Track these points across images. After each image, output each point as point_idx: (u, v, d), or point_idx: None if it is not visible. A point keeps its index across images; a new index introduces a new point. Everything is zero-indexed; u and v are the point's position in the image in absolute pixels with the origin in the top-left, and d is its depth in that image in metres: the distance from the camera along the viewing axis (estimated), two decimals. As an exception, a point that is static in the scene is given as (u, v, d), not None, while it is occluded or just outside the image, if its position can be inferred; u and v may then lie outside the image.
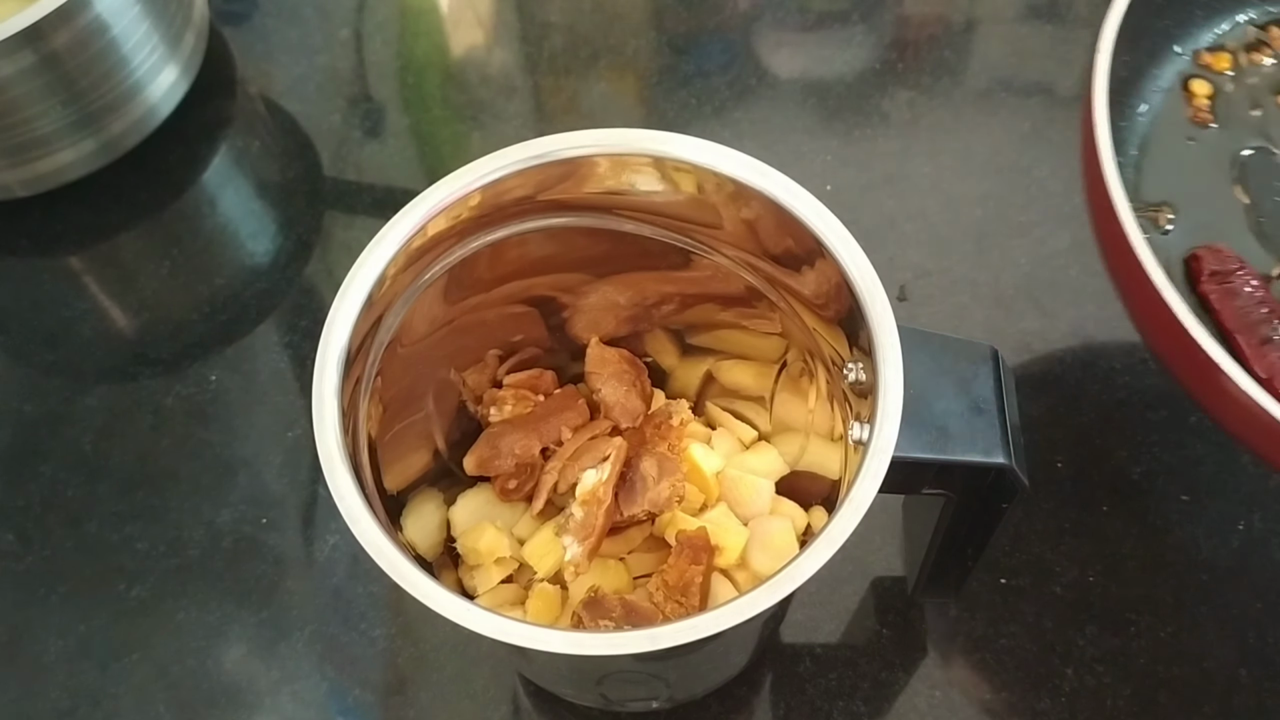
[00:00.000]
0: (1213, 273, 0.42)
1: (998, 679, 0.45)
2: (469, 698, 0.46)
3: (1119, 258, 0.38)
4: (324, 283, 0.57)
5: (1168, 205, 0.45)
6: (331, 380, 0.35)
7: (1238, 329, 0.42)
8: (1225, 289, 0.42)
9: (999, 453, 0.34)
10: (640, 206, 0.40)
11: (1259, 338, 0.41)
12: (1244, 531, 0.48)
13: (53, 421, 0.53)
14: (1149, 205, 0.45)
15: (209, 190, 0.60)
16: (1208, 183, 0.47)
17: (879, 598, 0.47)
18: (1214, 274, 0.42)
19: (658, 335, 0.46)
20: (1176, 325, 0.36)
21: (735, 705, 0.45)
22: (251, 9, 0.67)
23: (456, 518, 0.44)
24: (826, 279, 0.37)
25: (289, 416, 0.53)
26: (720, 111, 0.61)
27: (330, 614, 0.48)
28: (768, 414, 0.45)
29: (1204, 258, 0.43)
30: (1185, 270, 0.44)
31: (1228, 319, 0.42)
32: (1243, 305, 0.42)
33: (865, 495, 0.32)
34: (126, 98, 0.57)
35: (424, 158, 0.62)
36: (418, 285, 0.39)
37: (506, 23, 0.67)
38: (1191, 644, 0.46)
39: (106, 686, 0.47)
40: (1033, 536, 0.48)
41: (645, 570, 0.43)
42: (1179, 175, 0.47)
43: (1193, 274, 0.43)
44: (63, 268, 0.59)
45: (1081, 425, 0.51)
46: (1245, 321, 0.41)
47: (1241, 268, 0.43)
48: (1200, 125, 0.47)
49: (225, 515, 0.50)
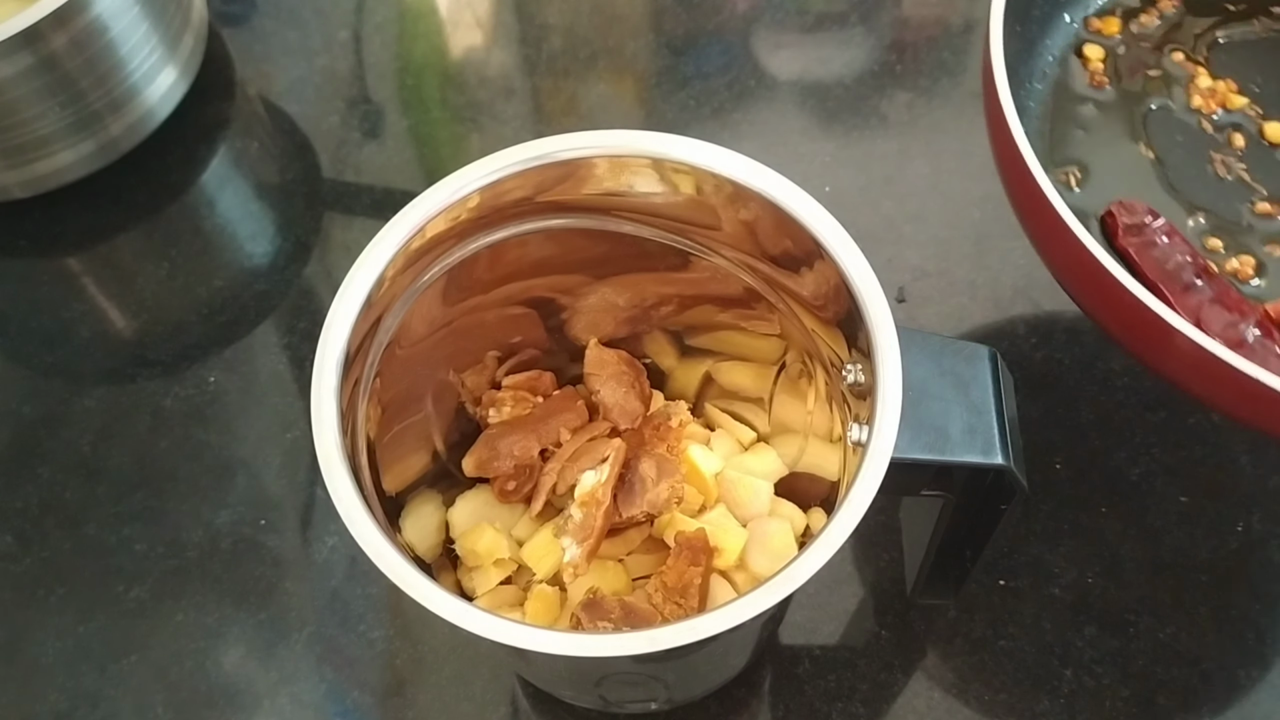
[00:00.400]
0: (1128, 227, 0.43)
1: (996, 680, 0.45)
2: (468, 699, 0.46)
3: (1037, 216, 0.39)
4: (323, 284, 0.57)
5: (1077, 165, 0.46)
6: (330, 382, 0.35)
7: (1159, 278, 0.42)
8: (1142, 241, 0.43)
9: (998, 454, 0.34)
10: (639, 208, 0.40)
11: (1181, 285, 0.42)
12: (1242, 533, 0.48)
13: (51, 423, 0.53)
14: (1059, 168, 0.46)
15: (208, 191, 0.60)
16: (1113, 143, 0.48)
17: (878, 599, 0.47)
18: (1130, 228, 0.43)
19: (656, 336, 0.46)
20: (1101, 272, 0.36)
21: (734, 706, 0.45)
22: (250, 10, 0.67)
23: (455, 519, 0.44)
24: (825, 280, 0.37)
25: (288, 418, 0.53)
26: (719, 113, 0.61)
27: (329, 615, 0.48)
28: (766, 415, 0.46)
29: (1118, 213, 0.44)
30: (1102, 228, 0.45)
31: (1149, 269, 0.42)
32: (1160, 255, 0.42)
33: (864, 496, 0.32)
34: (125, 99, 0.57)
35: (423, 159, 0.62)
36: (416, 286, 0.39)
37: (505, 24, 0.67)
38: (1190, 645, 0.46)
39: (105, 688, 0.47)
40: (1031, 538, 0.48)
41: (644, 572, 0.43)
42: (1085, 138, 0.48)
43: (1109, 231, 0.44)
44: (61, 269, 0.58)
45: (1080, 426, 0.51)
46: (1165, 271, 0.42)
47: (1155, 219, 0.44)
48: (1098, 88, 0.48)
49: (224, 517, 0.50)
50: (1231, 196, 0.47)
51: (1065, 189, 0.46)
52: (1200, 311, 0.41)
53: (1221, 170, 0.46)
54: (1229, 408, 0.38)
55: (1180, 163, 0.47)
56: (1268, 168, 0.47)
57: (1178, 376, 0.38)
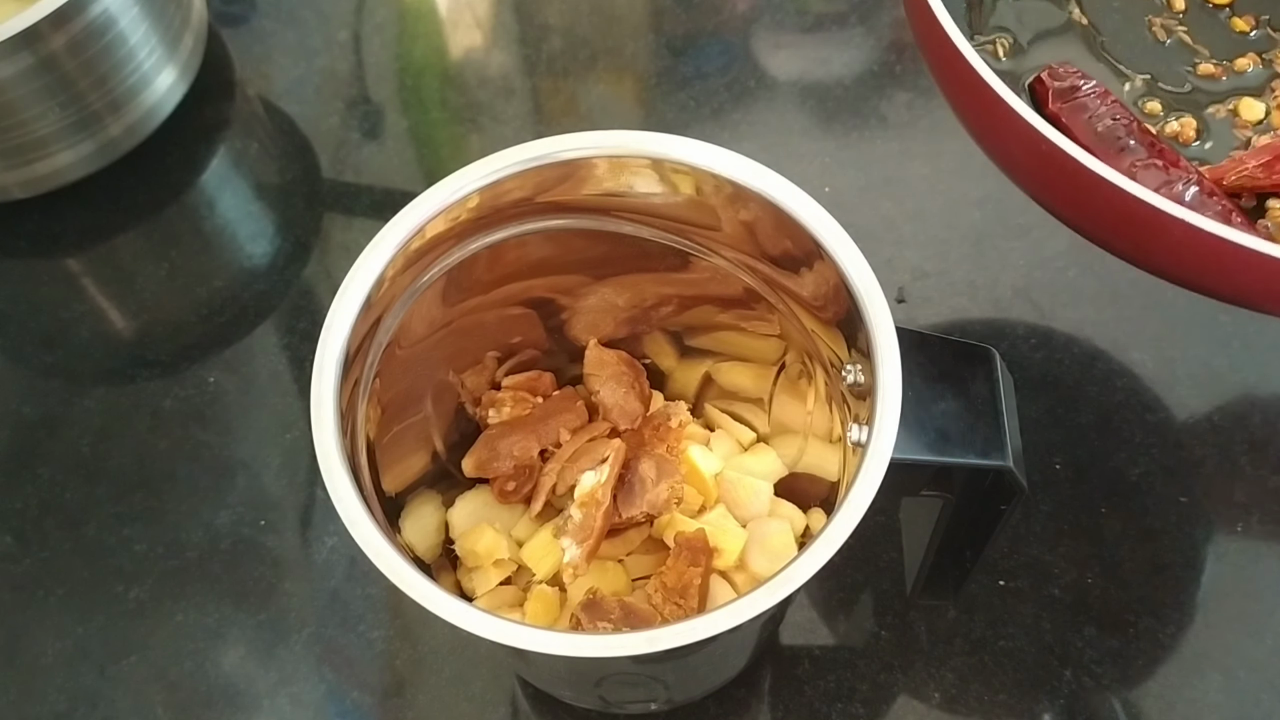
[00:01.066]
0: (1058, 91, 0.41)
1: (996, 681, 0.45)
2: (467, 700, 0.46)
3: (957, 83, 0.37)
4: (322, 284, 0.57)
5: (1005, 32, 0.45)
6: (330, 382, 0.35)
7: (1091, 142, 0.41)
8: (1073, 105, 0.41)
9: (998, 454, 0.34)
10: (639, 208, 0.40)
11: (1115, 147, 0.41)
12: (1242, 533, 0.48)
13: (51, 423, 0.53)
14: (986, 36, 0.45)
15: (207, 192, 0.60)
16: (1044, 10, 0.46)
17: (877, 600, 0.47)
18: (1060, 92, 0.41)
19: (656, 337, 0.46)
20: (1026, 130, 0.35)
21: (734, 707, 0.45)
22: (250, 11, 0.67)
23: (455, 519, 0.44)
24: (825, 281, 0.37)
25: (287, 418, 0.53)
26: (719, 113, 0.61)
27: (328, 616, 0.48)
28: (766, 416, 0.46)
29: (1047, 79, 0.42)
30: (1031, 97, 0.43)
31: (1080, 134, 0.41)
32: (1092, 118, 0.41)
33: (864, 497, 0.32)
34: (125, 99, 0.57)
35: (422, 159, 0.62)
36: (416, 287, 0.39)
37: (505, 25, 0.67)
38: (1190, 646, 0.46)
39: (104, 689, 0.47)
40: (1031, 538, 0.48)
41: (644, 572, 0.43)
42: (1014, 5, 0.46)
43: (1039, 99, 0.43)
44: (61, 269, 0.58)
45: (1080, 427, 0.51)
46: (1097, 134, 0.41)
47: (1085, 80, 0.42)
48: None
49: (223, 517, 0.50)
50: (1172, 60, 0.45)
51: (993, 59, 0.44)
52: (1136, 173, 0.39)
53: (1160, 34, 0.45)
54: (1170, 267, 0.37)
55: (1116, 28, 0.46)
56: (1210, 29, 0.46)
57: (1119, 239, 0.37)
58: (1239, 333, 0.52)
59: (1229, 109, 0.43)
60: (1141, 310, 0.53)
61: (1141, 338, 0.52)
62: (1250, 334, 0.52)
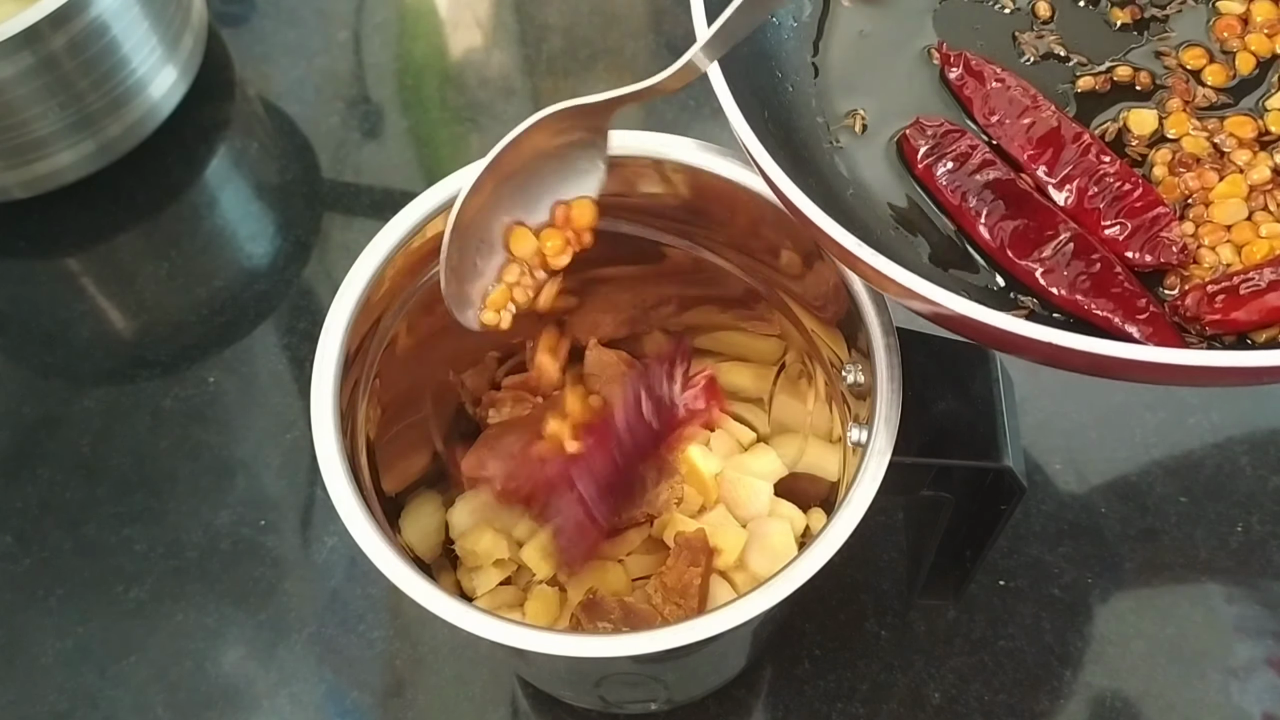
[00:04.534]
0: (927, 150, 0.37)
1: (996, 681, 0.45)
2: (467, 700, 0.46)
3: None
4: (322, 284, 0.57)
5: (859, 106, 0.38)
6: (330, 382, 0.35)
7: (957, 205, 0.36)
8: (936, 162, 0.36)
9: (998, 454, 0.34)
10: (639, 208, 0.40)
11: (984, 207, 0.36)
12: (1242, 533, 0.48)
13: (51, 423, 0.53)
14: (841, 118, 0.39)
15: (207, 192, 0.60)
16: (899, 63, 0.39)
17: (878, 600, 0.47)
18: (928, 151, 0.37)
19: (657, 337, 0.46)
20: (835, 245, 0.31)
21: (734, 707, 0.45)
22: (250, 11, 0.67)
23: (455, 520, 0.44)
24: (825, 281, 0.37)
25: (287, 418, 0.53)
26: (719, 113, 0.61)
27: (328, 616, 0.48)
28: (766, 416, 0.46)
29: (911, 136, 0.37)
30: (900, 155, 0.38)
31: (948, 196, 0.36)
32: (953, 177, 0.36)
33: (864, 497, 0.32)
34: (125, 99, 0.57)
35: (422, 159, 0.62)
36: (416, 287, 0.39)
37: (505, 25, 0.67)
38: (1190, 646, 0.46)
39: (104, 688, 0.47)
40: (1031, 538, 0.48)
41: (644, 572, 0.43)
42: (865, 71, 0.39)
43: (907, 159, 0.37)
44: (61, 269, 0.58)
45: (1080, 426, 0.51)
46: (963, 190, 0.36)
47: (949, 131, 0.37)
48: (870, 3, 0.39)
49: (223, 517, 0.50)
50: (1051, 77, 0.38)
51: (852, 132, 0.38)
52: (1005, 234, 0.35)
53: (1031, 52, 0.39)
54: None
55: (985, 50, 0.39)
56: (1080, 27, 0.39)
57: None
58: (1239, 333, 0.52)
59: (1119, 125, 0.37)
60: (1141, 310, 0.53)
61: (1141, 338, 0.52)
62: (1250, 334, 0.52)
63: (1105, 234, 0.35)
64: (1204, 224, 0.35)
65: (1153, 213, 0.35)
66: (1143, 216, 0.35)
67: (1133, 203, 0.35)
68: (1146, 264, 0.35)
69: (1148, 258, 0.35)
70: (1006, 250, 0.35)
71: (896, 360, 0.34)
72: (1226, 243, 0.35)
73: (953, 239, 0.36)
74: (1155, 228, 0.35)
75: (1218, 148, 0.36)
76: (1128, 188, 0.35)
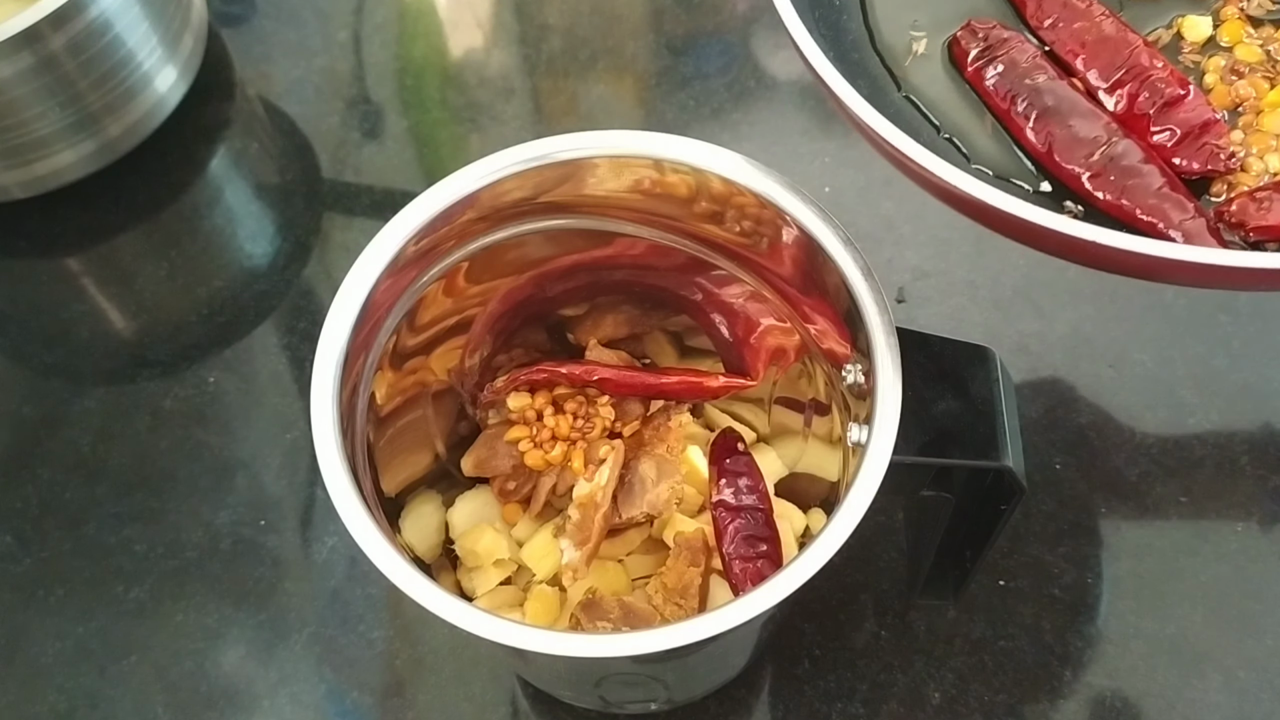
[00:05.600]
0: (978, 54, 0.37)
1: (996, 681, 0.45)
2: (467, 700, 0.46)
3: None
4: (322, 284, 0.57)
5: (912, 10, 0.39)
6: (330, 382, 0.35)
7: (1006, 107, 0.36)
8: (987, 64, 0.37)
9: (998, 454, 0.34)
10: (639, 208, 0.40)
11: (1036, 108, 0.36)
12: (1242, 533, 0.48)
13: (51, 423, 0.53)
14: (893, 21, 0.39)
15: (207, 192, 0.60)
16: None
17: (878, 600, 0.47)
18: (977, 54, 0.37)
19: (656, 337, 0.46)
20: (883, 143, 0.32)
21: (734, 707, 0.45)
22: (250, 11, 0.67)
23: (455, 520, 0.44)
24: (825, 281, 0.37)
25: (287, 418, 0.53)
26: (719, 113, 0.61)
27: (328, 616, 0.48)
28: (766, 416, 0.46)
29: (963, 38, 0.38)
30: (950, 58, 0.38)
31: (996, 99, 0.37)
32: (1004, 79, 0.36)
33: (863, 497, 0.32)
34: (125, 99, 0.57)
35: (422, 160, 0.62)
36: (416, 287, 0.39)
37: (505, 25, 0.67)
38: (1190, 646, 0.46)
39: (104, 688, 0.47)
40: (1031, 538, 0.48)
41: (644, 572, 0.43)
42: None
43: (958, 62, 0.38)
44: (61, 269, 0.58)
45: (1080, 426, 0.51)
46: (1012, 93, 0.36)
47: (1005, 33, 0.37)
48: None
49: (223, 517, 0.50)
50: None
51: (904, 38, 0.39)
52: (1053, 142, 0.36)
53: None
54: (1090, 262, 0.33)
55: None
56: None
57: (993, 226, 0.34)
58: (1239, 333, 0.52)
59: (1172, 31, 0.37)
60: (1141, 310, 0.53)
61: (1141, 338, 0.52)
62: (1250, 334, 0.52)
63: (1154, 140, 0.35)
64: (1253, 132, 0.36)
65: (1202, 119, 0.35)
66: (1192, 123, 0.35)
67: (1183, 109, 0.35)
68: (1194, 171, 0.35)
69: (1195, 164, 0.35)
70: (1053, 154, 0.35)
71: (896, 360, 0.34)
72: (1275, 151, 0.35)
73: (1000, 142, 0.36)
74: (1205, 135, 0.35)
75: (1271, 56, 0.36)
76: (1179, 94, 0.35)
